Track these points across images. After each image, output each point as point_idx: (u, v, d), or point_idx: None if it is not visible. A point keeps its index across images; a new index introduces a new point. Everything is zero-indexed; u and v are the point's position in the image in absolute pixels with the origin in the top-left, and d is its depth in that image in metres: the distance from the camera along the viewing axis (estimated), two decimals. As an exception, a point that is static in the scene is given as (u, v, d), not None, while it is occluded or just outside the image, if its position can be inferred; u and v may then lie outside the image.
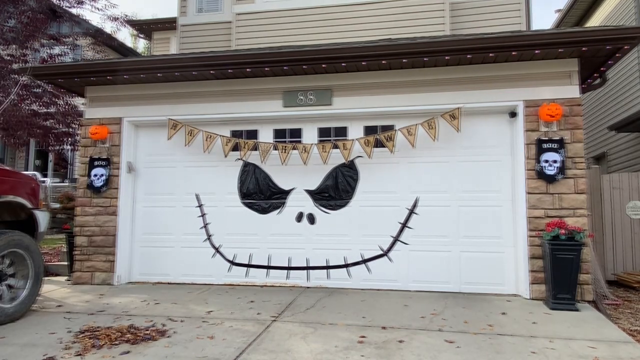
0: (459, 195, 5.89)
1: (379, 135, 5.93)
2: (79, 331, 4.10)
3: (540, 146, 5.49)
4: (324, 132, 6.34)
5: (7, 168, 5.08)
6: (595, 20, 11.26)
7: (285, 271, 6.23)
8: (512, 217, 5.72)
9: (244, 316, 4.65)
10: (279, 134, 6.47)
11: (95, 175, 6.55)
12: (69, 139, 10.89)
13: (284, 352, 3.57)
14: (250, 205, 6.42)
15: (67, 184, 15.11)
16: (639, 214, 6.85)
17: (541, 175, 5.46)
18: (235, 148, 6.29)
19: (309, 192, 6.27)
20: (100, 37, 11.89)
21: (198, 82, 6.49)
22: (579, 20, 12.02)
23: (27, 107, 9.96)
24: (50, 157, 15.51)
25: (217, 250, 6.43)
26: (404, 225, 5.99)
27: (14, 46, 9.53)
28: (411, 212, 5.98)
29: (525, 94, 5.63)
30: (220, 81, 6.43)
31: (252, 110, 6.37)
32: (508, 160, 5.81)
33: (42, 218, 5.22)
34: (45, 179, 8.83)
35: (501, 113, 5.87)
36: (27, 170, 14.53)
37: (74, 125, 10.69)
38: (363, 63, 5.78)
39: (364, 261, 6.04)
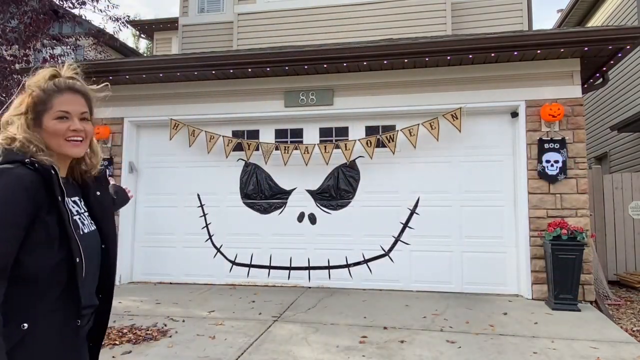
0: (460, 195, 5.88)
1: (380, 136, 5.93)
2: (80, 331, 4.10)
3: (542, 146, 5.48)
4: (325, 132, 6.34)
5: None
6: (597, 20, 11.24)
7: (287, 271, 6.23)
8: (513, 217, 5.71)
9: (245, 316, 4.65)
10: (280, 134, 6.47)
11: (97, 175, 6.55)
12: (71, 139, 10.88)
13: (285, 353, 3.57)
14: (251, 206, 6.42)
15: None
16: (641, 214, 6.84)
17: (543, 175, 5.46)
18: (237, 148, 6.30)
19: (311, 192, 6.27)
20: (102, 38, 11.87)
21: (199, 82, 6.50)
22: (580, 20, 12.00)
23: (29, 108, 9.97)
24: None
25: (218, 250, 6.43)
26: (406, 225, 5.98)
27: (16, 46, 9.55)
28: (412, 212, 5.98)
29: (527, 94, 5.62)
30: (222, 81, 6.44)
31: (253, 110, 6.37)
32: (510, 161, 5.80)
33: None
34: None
35: (503, 113, 5.86)
36: (29, 170, 14.53)
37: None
38: (364, 63, 5.78)
39: (366, 261, 6.04)
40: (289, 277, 6.20)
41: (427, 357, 3.48)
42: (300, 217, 6.27)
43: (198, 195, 6.56)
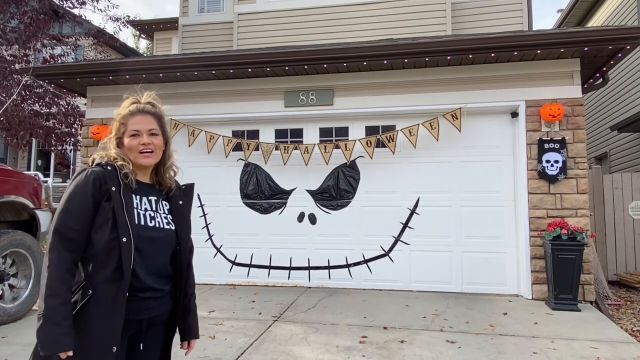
0: (460, 195, 5.88)
1: (380, 136, 5.93)
2: (80, 331, 4.10)
3: (542, 146, 5.48)
4: (325, 132, 6.34)
5: (9, 168, 5.09)
6: (597, 20, 11.24)
7: (287, 271, 6.23)
8: (513, 217, 5.71)
9: (245, 316, 4.65)
10: (280, 134, 6.47)
11: (97, 176, 6.55)
12: (71, 139, 10.91)
13: (285, 353, 3.57)
14: (251, 205, 6.42)
15: (68, 184, 15.11)
16: (641, 214, 6.84)
17: (543, 175, 5.46)
18: (237, 148, 6.30)
19: (311, 192, 6.27)
20: (102, 38, 11.90)
21: (199, 82, 6.50)
22: (580, 20, 12.00)
23: (29, 107, 9.99)
24: (52, 157, 15.54)
25: (218, 250, 6.43)
26: (406, 225, 5.98)
27: (16, 46, 9.56)
28: (412, 212, 5.98)
29: (527, 94, 5.62)
30: (222, 81, 6.43)
31: (253, 110, 6.37)
32: (510, 161, 5.80)
33: (44, 218, 5.23)
34: (47, 179, 8.83)
35: (503, 113, 5.86)
36: (29, 170, 14.55)
37: (75, 126, 10.71)
38: (364, 63, 5.78)
39: (366, 261, 6.04)
40: (289, 277, 6.21)
41: (427, 357, 3.48)
42: (300, 217, 6.27)
43: (198, 195, 6.55)
